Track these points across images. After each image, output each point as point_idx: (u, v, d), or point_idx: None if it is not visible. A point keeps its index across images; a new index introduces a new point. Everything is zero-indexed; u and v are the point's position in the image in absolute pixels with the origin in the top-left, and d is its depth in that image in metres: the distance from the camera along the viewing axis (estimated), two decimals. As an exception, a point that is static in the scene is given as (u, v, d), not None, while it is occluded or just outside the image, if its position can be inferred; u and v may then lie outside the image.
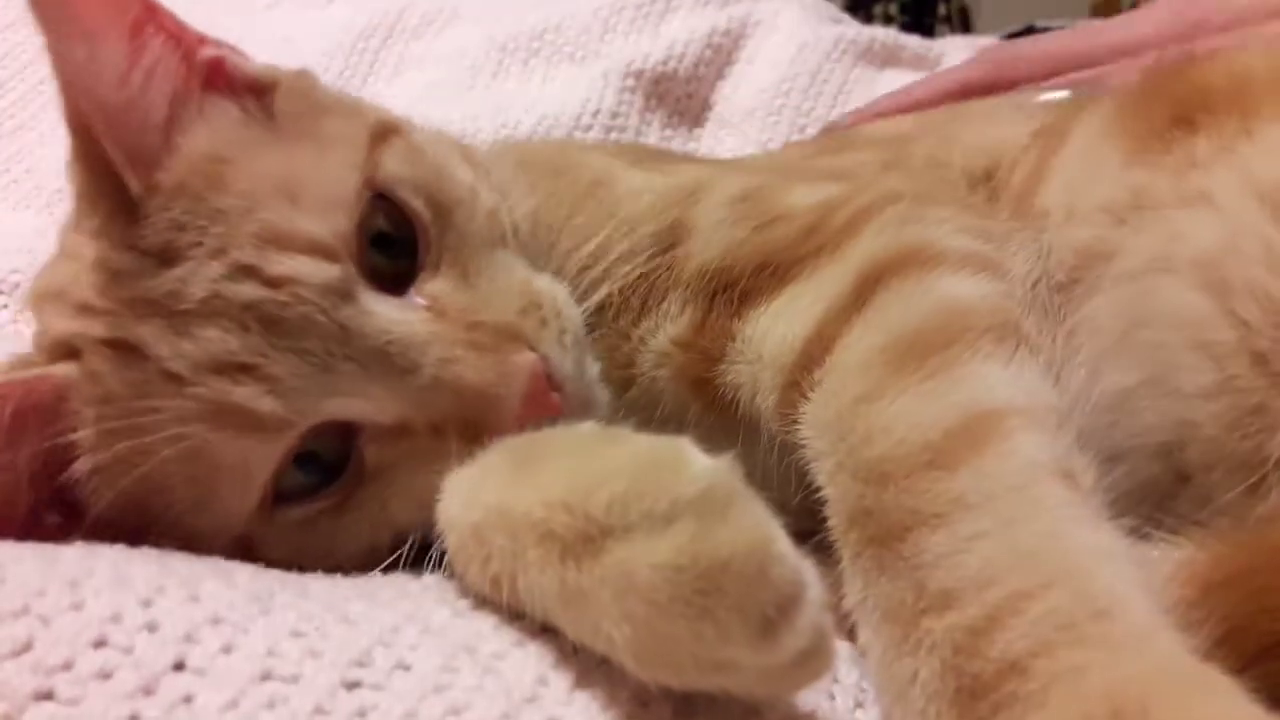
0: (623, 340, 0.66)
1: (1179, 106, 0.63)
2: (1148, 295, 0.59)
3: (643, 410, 0.66)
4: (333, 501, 0.57)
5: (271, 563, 0.54)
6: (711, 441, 0.61)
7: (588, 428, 0.52)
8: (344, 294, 0.55)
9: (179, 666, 0.41)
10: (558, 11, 1.33)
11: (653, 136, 1.21)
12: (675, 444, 0.44)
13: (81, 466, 0.54)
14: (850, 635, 0.50)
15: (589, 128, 1.18)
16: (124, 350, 0.54)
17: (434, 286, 0.58)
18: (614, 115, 1.19)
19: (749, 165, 0.74)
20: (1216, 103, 0.61)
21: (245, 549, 0.55)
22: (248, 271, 0.53)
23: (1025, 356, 0.54)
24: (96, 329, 0.55)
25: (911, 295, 0.57)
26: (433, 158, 0.64)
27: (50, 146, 1.25)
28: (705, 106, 1.26)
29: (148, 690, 0.40)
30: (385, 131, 0.62)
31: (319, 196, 0.56)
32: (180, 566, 0.46)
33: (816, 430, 0.54)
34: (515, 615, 0.48)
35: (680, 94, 1.24)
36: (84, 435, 0.54)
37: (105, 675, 0.40)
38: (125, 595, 0.43)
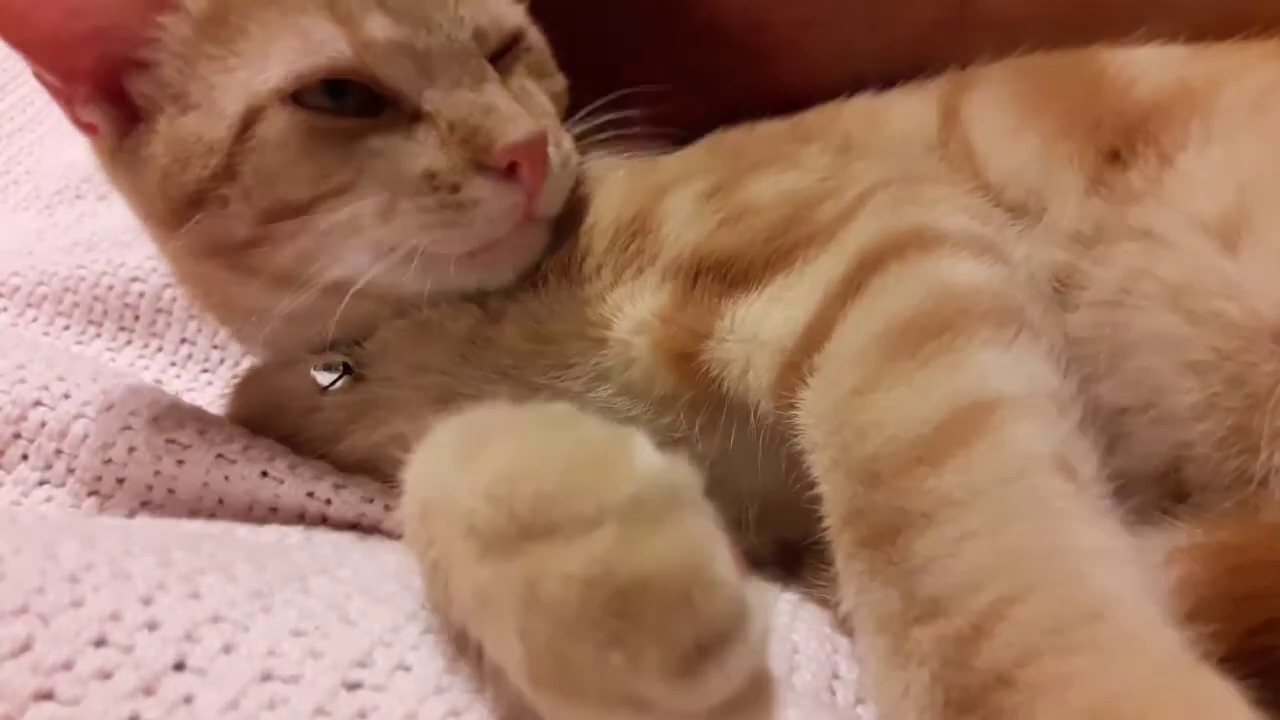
0: (598, 301, 0.66)
1: (1109, 136, 0.62)
2: (1125, 326, 0.58)
3: (612, 375, 0.65)
4: (330, 126, 0.63)
5: (248, 160, 0.62)
6: (686, 424, 0.62)
7: (553, 409, 0.47)
8: (484, 40, 0.66)
9: (179, 666, 0.41)
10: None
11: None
12: (623, 438, 0.40)
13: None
14: (849, 632, 0.49)
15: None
16: None
17: (508, 80, 0.68)
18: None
19: (711, 156, 0.73)
20: (1134, 134, 0.61)
21: (245, 124, 0.62)
22: None
23: (1027, 342, 0.52)
24: None
25: (909, 280, 0.55)
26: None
27: (50, 149, 1.25)
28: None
29: (148, 690, 0.39)
30: None
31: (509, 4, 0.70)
32: (180, 559, 0.46)
33: (814, 419, 0.52)
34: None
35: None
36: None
37: (105, 675, 0.40)
38: (125, 592, 0.43)
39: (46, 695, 0.39)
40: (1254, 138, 0.57)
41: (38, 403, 0.70)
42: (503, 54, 0.68)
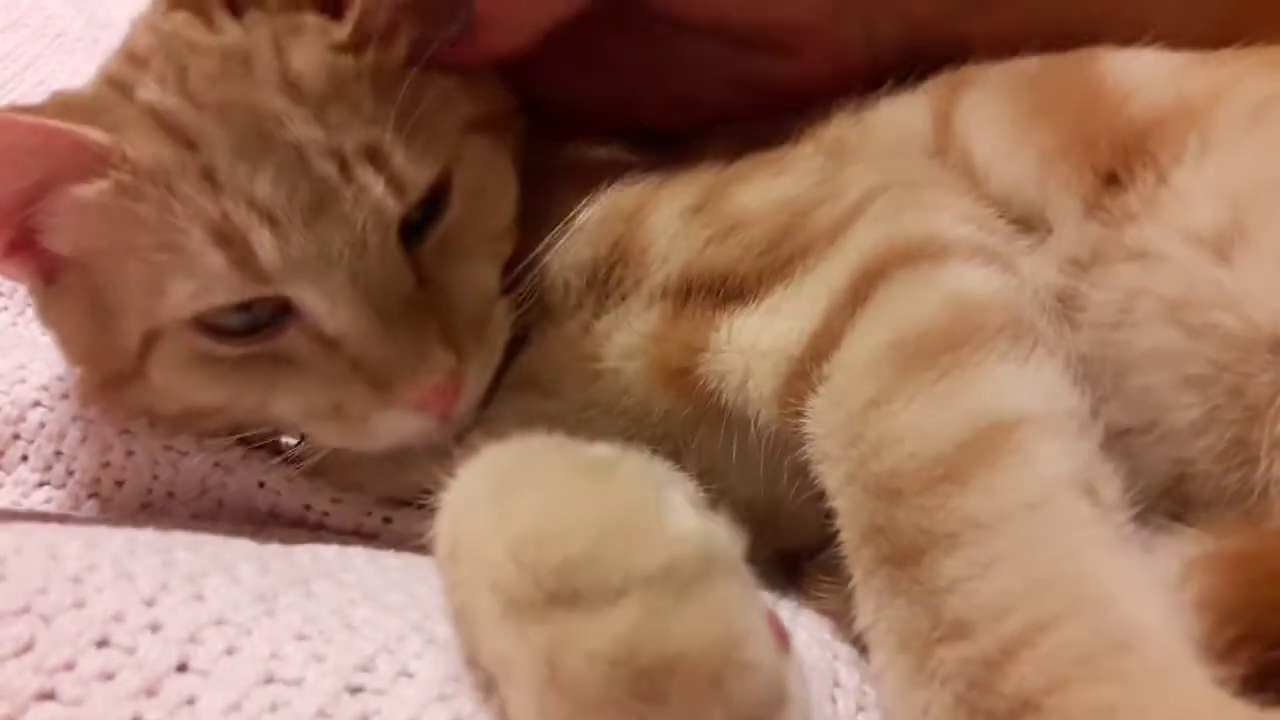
0: (583, 334, 0.64)
1: (1106, 157, 0.61)
2: (1126, 345, 0.57)
3: (607, 404, 0.64)
4: (231, 354, 0.60)
5: (155, 372, 0.60)
6: (684, 441, 0.61)
7: (591, 453, 0.46)
8: (390, 227, 0.59)
9: (182, 668, 0.41)
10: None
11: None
12: (658, 495, 0.38)
13: (66, 206, 0.58)
14: (855, 640, 0.49)
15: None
16: (178, 137, 0.57)
17: (435, 267, 0.62)
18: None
19: (692, 168, 0.70)
20: (1131, 154, 0.60)
21: (146, 343, 0.60)
22: (337, 155, 0.57)
23: (1043, 356, 0.51)
24: (169, 104, 0.58)
25: (919, 289, 0.54)
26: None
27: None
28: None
29: (150, 691, 0.39)
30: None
31: (428, 142, 0.60)
32: (184, 561, 0.46)
33: (825, 430, 0.51)
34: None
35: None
36: (86, 190, 0.57)
37: (108, 676, 0.40)
38: (128, 593, 0.43)
39: (48, 695, 0.39)
40: (1248, 150, 0.57)
41: (36, 403, 0.70)
42: (425, 217, 0.62)
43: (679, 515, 0.37)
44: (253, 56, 0.59)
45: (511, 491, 0.42)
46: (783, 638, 0.37)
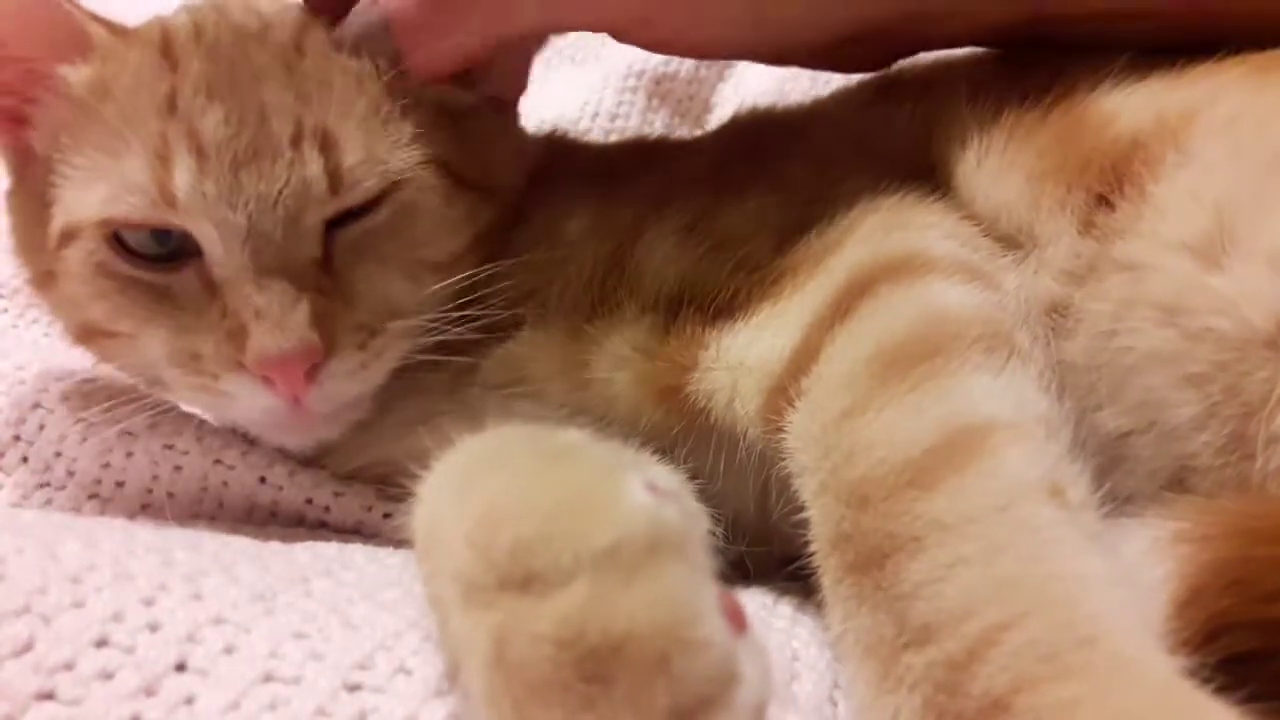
0: (573, 338, 0.64)
1: (1096, 181, 0.61)
2: (1124, 350, 0.57)
3: (597, 413, 0.64)
4: (125, 273, 0.61)
5: (62, 277, 0.63)
6: (673, 449, 0.60)
7: (559, 438, 0.46)
8: (310, 205, 0.60)
9: (181, 667, 0.41)
10: (558, 15, 1.32)
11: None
12: (617, 475, 0.38)
13: (53, 91, 0.63)
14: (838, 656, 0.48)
15: (587, 130, 1.18)
16: (168, 59, 0.61)
17: (347, 258, 0.62)
18: (613, 117, 1.19)
19: (685, 182, 0.70)
20: (1122, 177, 0.60)
21: (64, 240, 0.62)
22: (297, 123, 0.59)
23: (1017, 367, 0.52)
24: (179, 30, 0.63)
25: (900, 303, 0.55)
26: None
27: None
28: (706, 108, 1.26)
29: (149, 691, 0.40)
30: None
31: (387, 153, 0.62)
32: (183, 560, 0.46)
33: (802, 443, 0.52)
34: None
35: (682, 94, 1.24)
36: (79, 74, 0.62)
37: (107, 675, 0.40)
38: (127, 592, 0.43)
39: (48, 695, 0.39)
40: (1223, 157, 0.57)
41: (36, 405, 0.70)
42: (357, 213, 0.62)
43: (633, 493, 0.37)
44: (273, 26, 0.64)
45: (475, 479, 0.42)
46: (738, 619, 0.36)
